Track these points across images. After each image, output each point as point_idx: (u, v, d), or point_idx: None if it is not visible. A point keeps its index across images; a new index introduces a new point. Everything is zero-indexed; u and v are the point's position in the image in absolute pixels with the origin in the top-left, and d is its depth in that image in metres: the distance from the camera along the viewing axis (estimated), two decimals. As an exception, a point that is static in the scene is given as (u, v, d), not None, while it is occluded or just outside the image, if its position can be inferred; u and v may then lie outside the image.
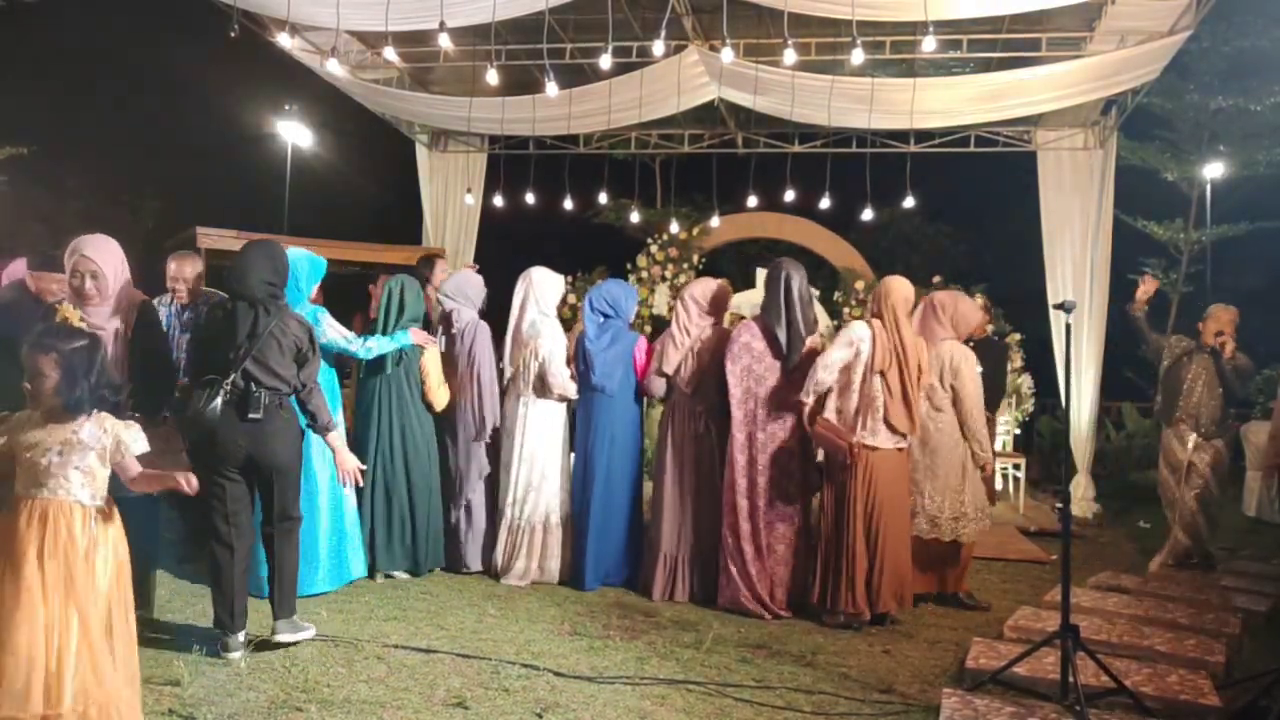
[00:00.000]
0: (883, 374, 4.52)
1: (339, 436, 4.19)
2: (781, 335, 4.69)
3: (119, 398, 2.81)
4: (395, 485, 5.03)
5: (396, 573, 5.09)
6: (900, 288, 4.67)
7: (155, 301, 5.01)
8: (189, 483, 2.92)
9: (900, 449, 4.62)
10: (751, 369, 4.74)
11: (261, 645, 3.86)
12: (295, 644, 3.91)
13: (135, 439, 2.80)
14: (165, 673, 3.48)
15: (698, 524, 4.90)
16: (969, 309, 5.08)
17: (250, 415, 3.74)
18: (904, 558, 4.60)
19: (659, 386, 5.09)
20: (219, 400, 3.72)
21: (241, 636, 3.80)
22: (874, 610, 4.51)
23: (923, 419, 4.91)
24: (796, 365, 4.70)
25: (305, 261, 4.63)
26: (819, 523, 4.72)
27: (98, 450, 2.73)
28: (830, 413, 4.63)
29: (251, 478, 3.90)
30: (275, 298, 3.90)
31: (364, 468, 4.30)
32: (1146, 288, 5.98)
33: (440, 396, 5.14)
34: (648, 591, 4.96)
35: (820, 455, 4.72)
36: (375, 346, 4.90)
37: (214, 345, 3.85)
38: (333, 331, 4.77)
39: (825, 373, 4.57)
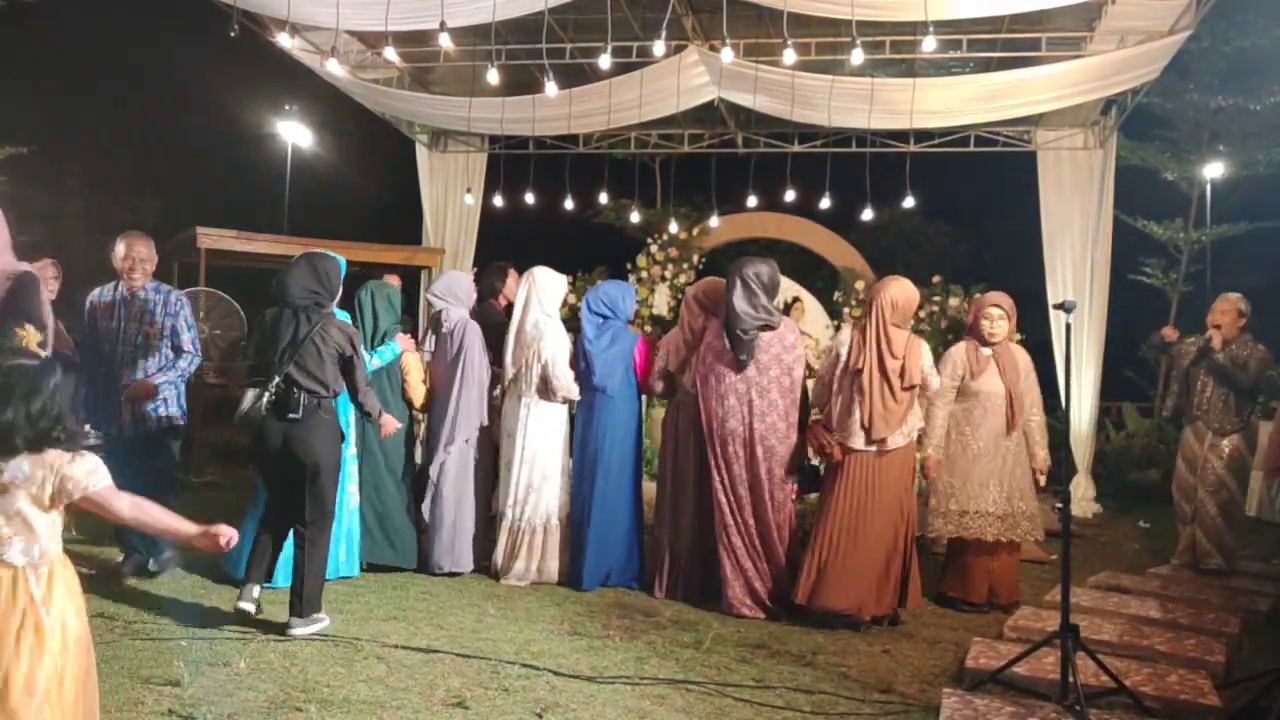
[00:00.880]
0: (858, 374, 4.53)
1: (389, 419, 4.64)
2: (726, 335, 4.68)
3: (65, 435, 2.21)
4: (376, 480, 5.16)
5: (381, 562, 5.21)
6: (891, 288, 4.62)
7: (97, 291, 4.86)
8: (224, 539, 2.36)
9: (884, 452, 4.53)
10: (714, 368, 4.74)
11: (269, 632, 3.87)
12: (308, 635, 4.06)
13: (89, 472, 2.20)
14: (165, 673, 3.47)
15: (700, 522, 4.89)
16: (976, 306, 5.12)
17: (289, 415, 4.01)
18: (881, 561, 4.50)
19: (659, 384, 5.10)
20: (264, 401, 4.01)
21: (257, 591, 4.10)
22: (835, 604, 4.42)
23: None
24: (747, 363, 4.63)
25: None
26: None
27: (30, 493, 2.14)
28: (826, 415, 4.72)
29: (290, 474, 4.11)
30: (319, 305, 4.16)
31: (400, 424, 4.71)
32: (1168, 334, 6.14)
33: (419, 394, 5.30)
34: (651, 588, 4.96)
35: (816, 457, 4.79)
36: (377, 363, 5.11)
37: (261, 350, 4.15)
38: None
39: (818, 384, 4.70)
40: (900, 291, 4.62)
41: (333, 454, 4.17)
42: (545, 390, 5.12)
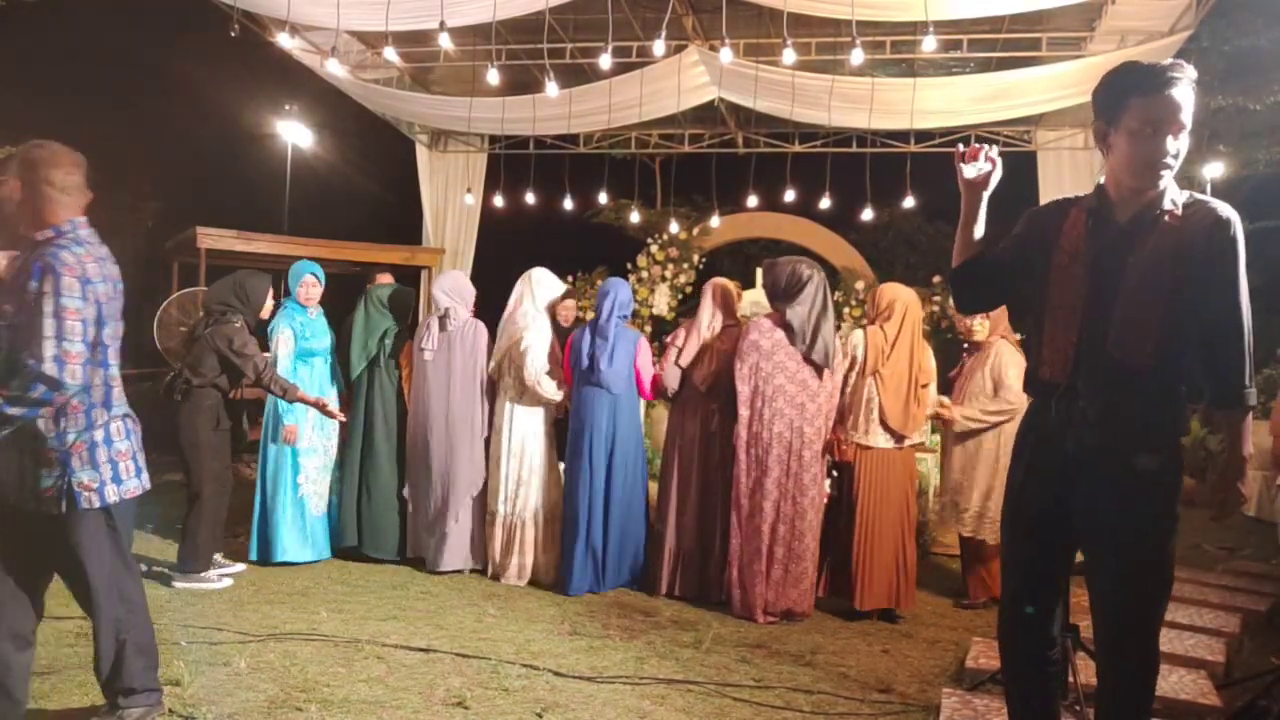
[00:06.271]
0: (875, 375, 4.66)
1: (307, 395, 4.93)
2: (808, 341, 4.63)
3: None
4: (361, 468, 5.41)
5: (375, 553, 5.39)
6: (913, 296, 4.87)
7: None
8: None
9: (900, 448, 4.68)
10: (759, 367, 4.68)
11: (269, 634, 3.87)
12: (190, 590, 4.66)
13: None
14: (165, 673, 3.46)
15: (704, 521, 4.88)
16: None
17: (171, 399, 4.76)
18: (898, 555, 4.63)
19: (674, 379, 4.98)
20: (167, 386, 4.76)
21: (219, 556, 4.90)
22: (863, 605, 4.57)
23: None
24: (812, 364, 4.62)
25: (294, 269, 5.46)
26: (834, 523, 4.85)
27: None
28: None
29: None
30: (224, 314, 4.80)
31: (342, 418, 5.16)
32: None
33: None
34: (652, 587, 4.94)
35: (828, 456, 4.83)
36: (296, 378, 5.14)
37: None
38: (275, 344, 5.21)
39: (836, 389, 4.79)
40: (913, 295, 4.90)
41: (194, 436, 4.76)
42: (520, 382, 5.09)
